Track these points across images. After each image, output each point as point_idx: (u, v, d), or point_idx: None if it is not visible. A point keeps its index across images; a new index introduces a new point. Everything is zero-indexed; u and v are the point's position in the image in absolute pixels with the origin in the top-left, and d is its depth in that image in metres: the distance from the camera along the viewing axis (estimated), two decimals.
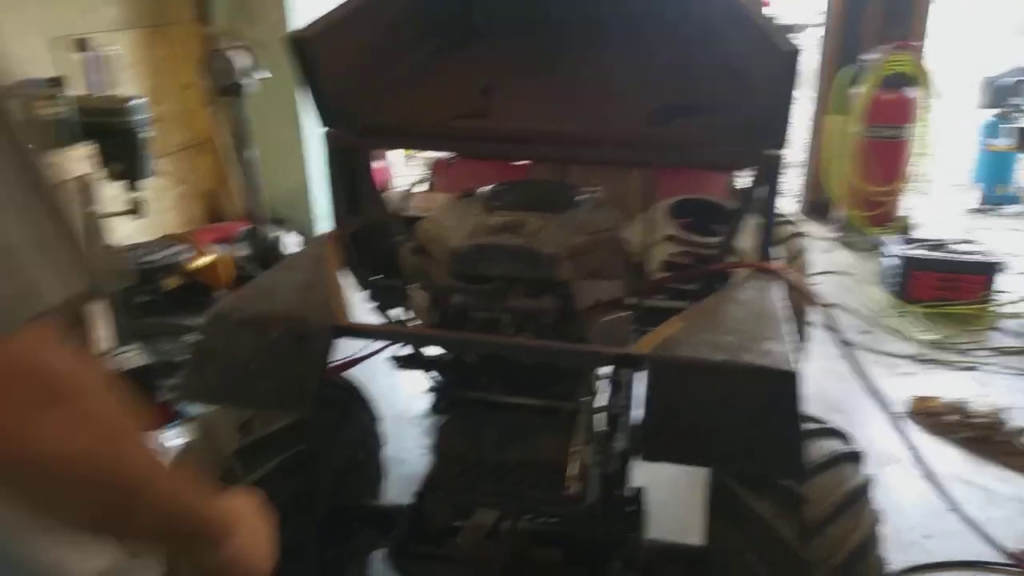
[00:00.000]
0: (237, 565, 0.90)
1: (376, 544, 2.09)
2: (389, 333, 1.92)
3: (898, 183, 6.24)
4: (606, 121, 1.84)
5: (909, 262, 5.09)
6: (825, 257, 6.11)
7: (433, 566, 1.91)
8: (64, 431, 0.63)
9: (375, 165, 2.26)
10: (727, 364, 1.39)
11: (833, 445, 1.69)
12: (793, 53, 1.51)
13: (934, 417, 3.64)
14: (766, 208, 1.82)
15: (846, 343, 1.95)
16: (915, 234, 5.99)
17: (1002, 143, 7.18)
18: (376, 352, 2.67)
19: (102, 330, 3.15)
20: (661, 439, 1.39)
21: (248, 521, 0.96)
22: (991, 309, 4.95)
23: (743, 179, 2.92)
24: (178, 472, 0.79)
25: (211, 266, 4.28)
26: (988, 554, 2.71)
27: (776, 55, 1.52)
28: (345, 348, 1.87)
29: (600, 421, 2.24)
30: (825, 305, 1.99)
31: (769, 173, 1.77)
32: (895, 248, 5.25)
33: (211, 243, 4.45)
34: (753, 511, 1.55)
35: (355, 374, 2.26)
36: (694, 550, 1.95)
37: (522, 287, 1.61)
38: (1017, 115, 7.05)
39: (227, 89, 3.95)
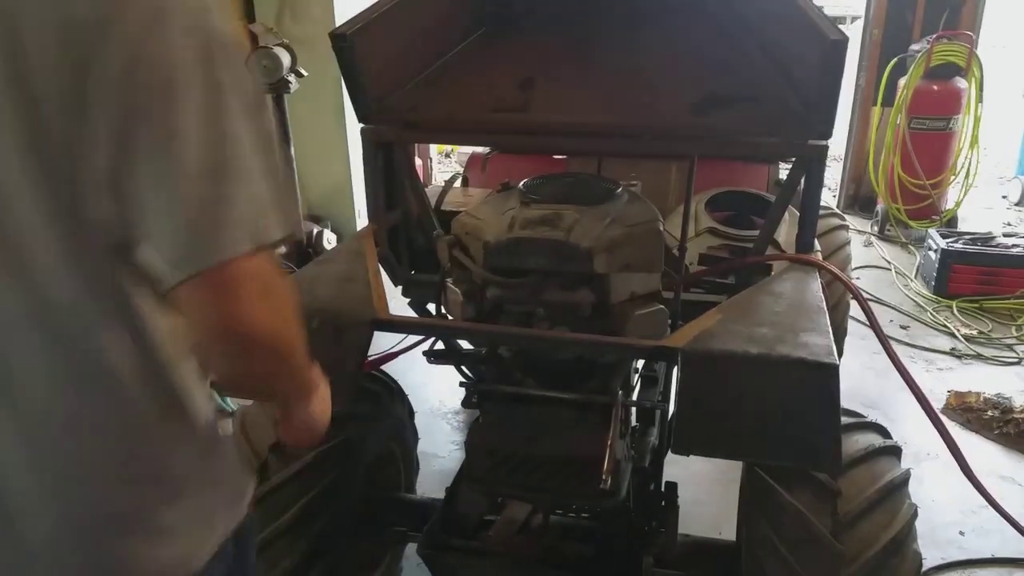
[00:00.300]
0: (311, 422, 1.20)
1: (408, 536, 2.12)
2: (426, 327, 1.94)
3: (942, 176, 6.12)
4: (646, 113, 1.83)
5: (950, 256, 5.00)
6: (865, 251, 6.03)
7: (464, 559, 1.92)
8: (278, 320, 0.92)
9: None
10: (762, 356, 1.39)
11: (870, 439, 1.68)
12: (841, 42, 1.49)
13: (972, 413, 3.58)
14: (809, 200, 1.80)
15: (884, 338, 1.93)
16: (958, 228, 5.88)
17: None
18: (412, 347, 2.71)
19: None
20: (694, 432, 1.39)
21: (322, 393, 1.21)
22: None
23: (785, 171, 2.90)
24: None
25: None
26: None
27: (823, 44, 1.50)
28: (380, 342, 1.90)
29: (635, 416, 2.25)
30: (865, 299, 1.97)
31: (813, 164, 1.76)
32: (936, 242, 5.16)
33: None
34: (788, 505, 1.55)
35: (390, 368, 2.30)
36: (727, 545, 1.95)
37: (558, 280, 1.61)
38: None
39: (271, 86, 4.00)
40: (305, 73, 4.14)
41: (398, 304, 2.10)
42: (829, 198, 7.46)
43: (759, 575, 1.59)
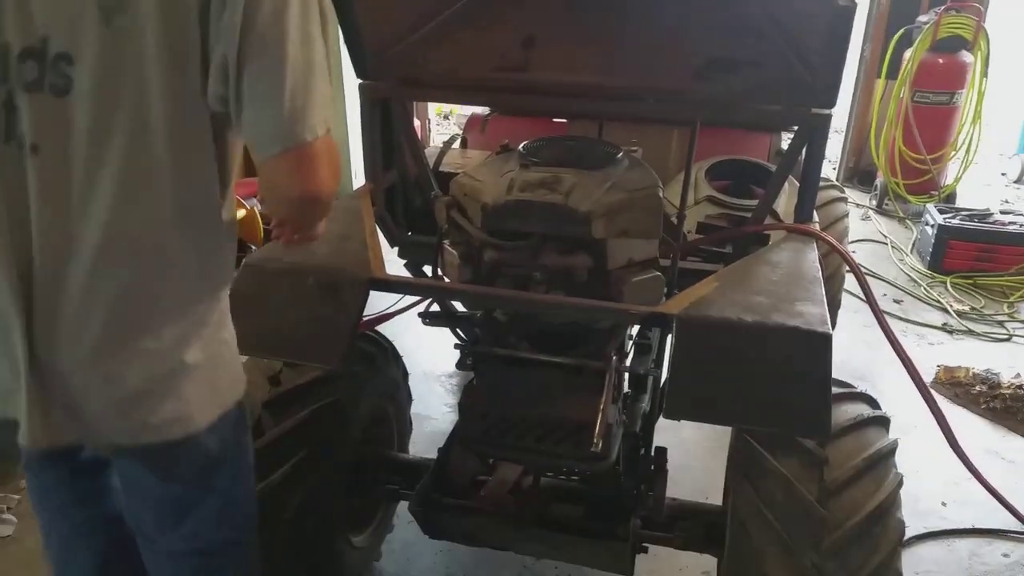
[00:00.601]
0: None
1: (401, 494, 2.14)
2: (423, 287, 1.94)
3: (943, 151, 6.10)
4: (649, 76, 1.81)
5: (947, 231, 5.01)
6: (862, 224, 6.03)
7: (455, 517, 1.95)
8: (335, 185, 1.20)
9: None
10: (757, 324, 1.40)
11: (859, 409, 1.70)
12: (849, 8, 1.47)
13: (960, 387, 3.62)
14: (810, 170, 1.79)
15: (878, 310, 1.94)
16: (956, 204, 5.88)
17: None
18: (407, 308, 2.71)
19: None
20: (686, 397, 1.40)
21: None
22: None
23: (787, 141, 2.88)
24: None
25: (245, 220, 4.32)
26: (1007, 523, 2.72)
27: (830, 9, 1.49)
28: (375, 303, 1.90)
29: (627, 382, 2.27)
30: (860, 271, 1.98)
31: (816, 133, 1.74)
32: (934, 217, 5.16)
33: (245, 197, 4.49)
34: (775, 471, 1.57)
35: (384, 330, 2.31)
36: (713, 509, 1.98)
37: (556, 244, 1.61)
38: None
39: None
40: None
41: (394, 265, 2.10)
42: (829, 170, 7.43)
43: (744, 539, 1.62)
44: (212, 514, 1.43)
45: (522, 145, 1.79)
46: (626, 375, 1.95)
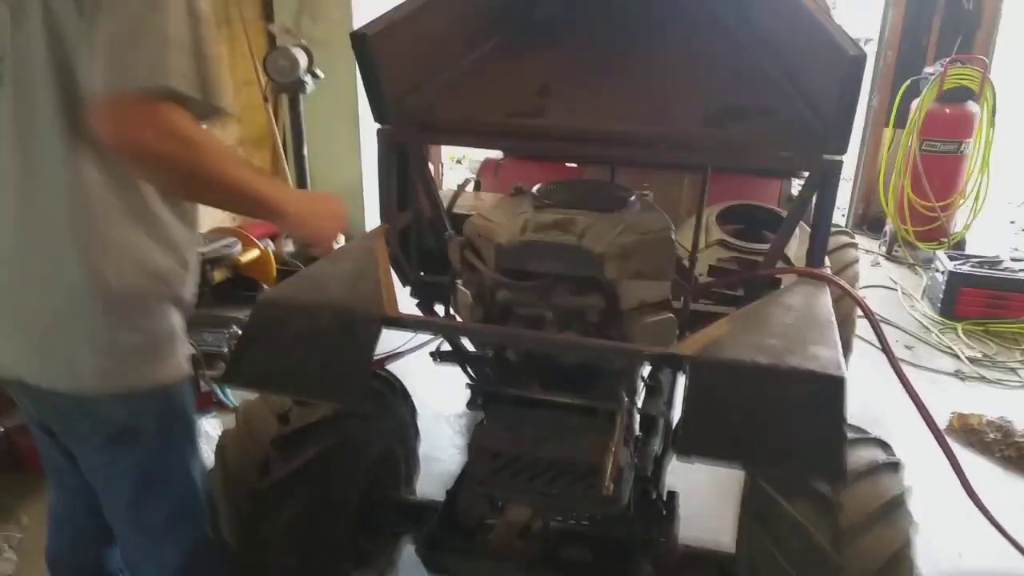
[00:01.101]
0: (308, 233, 1.61)
1: (407, 536, 2.12)
2: (435, 325, 1.95)
3: (952, 199, 6.12)
4: (661, 122, 1.83)
5: (957, 278, 5.01)
6: (872, 271, 6.03)
7: (463, 560, 1.93)
8: (169, 146, 1.26)
9: None
10: (771, 367, 1.39)
11: (874, 454, 1.69)
12: (860, 57, 1.50)
13: (974, 434, 3.58)
14: (821, 215, 1.81)
15: (892, 354, 1.93)
16: (966, 251, 5.88)
17: None
18: (418, 348, 2.72)
19: None
20: (699, 435, 1.39)
21: (310, 203, 1.59)
22: None
23: (797, 187, 2.91)
24: (270, 181, 1.49)
25: (259, 260, 4.37)
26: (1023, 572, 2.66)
27: (842, 59, 1.51)
28: (384, 342, 1.90)
29: (638, 425, 2.26)
30: (873, 316, 1.98)
31: (828, 179, 1.76)
32: (944, 264, 5.16)
33: (260, 237, 4.55)
34: (788, 515, 1.55)
35: (394, 369, 2.31)
36: (725, 556, 1.95)
37: (568, 285, 1.62)
38: None
39: (287, 86, 4.02)
40: (322, 75, 4.17)
41: (406, 306, 2.11)
42: (838, 217, 7.46)
43: None
44: (133, 494, 1.57)
45: (536, 187, 1.82)
46: (637, 417, 1.94)
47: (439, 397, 3.63)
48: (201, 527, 1.70)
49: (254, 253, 4.35)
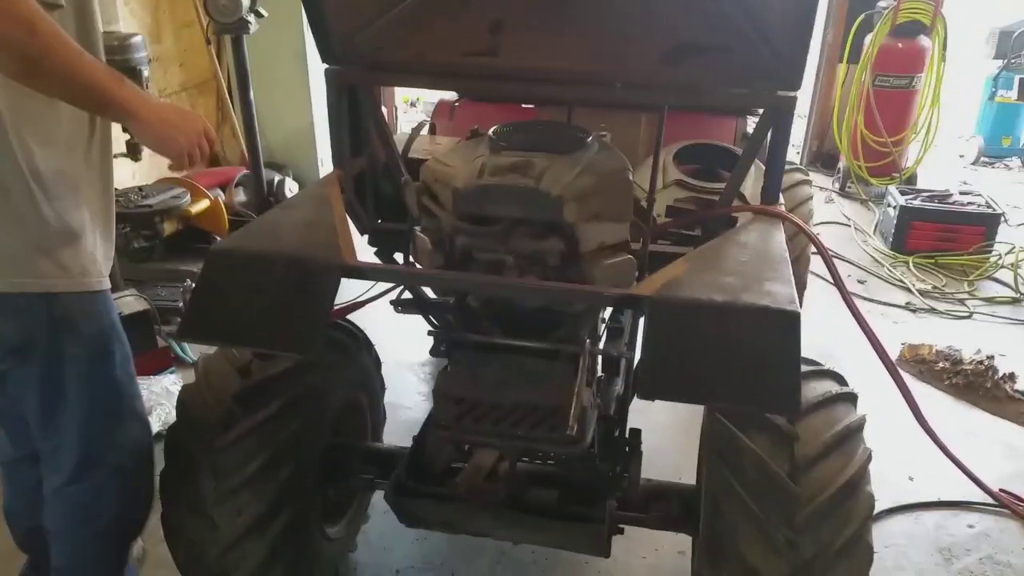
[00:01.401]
0: (162, 141, 1.57)
1: (375, 484, 2.13)
2: (395, 274, 1.92)
3: (904, 134, 6.21)
4: (618, 61, 1.81)
5: (909, 213, 5.12)
6: (826, 207, 6.12)
7: (431, 505, 1.94)
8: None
9: None
10: (727, 304, 1.41)
11: (828, 386, 1.73)
12: None
13: (924, 364, 3.70)
14: (775, 152, 1.81)
15: (844, 289, 1.97)
16: (917, 185, 5.99)
17: (1009, 95, 7.13)
18: (378, 296, 2.70)
19: None
20: (659, 377, 1.41)
21: (160, 111, 1.55)
22: (989, 260, 4.98)
23: (752, 125, 2.91)
24: (124, 83, 1.47)
25: (210, 211, 4.26)
26: (971, 494, 2.79)
27: None
28: (346, 291, 1.88)
29: (601, 366, 2.28)
30: (827, 252, 2.00)
31: (781, 116, 1.76)
32: (896, 199, 5.26)
33: (209, 187, 4.43)
34: (747, 449, 1.59)
35: (356, 318, 2.29)
36: (687, 489, 2.00)
37: (527, 228, 1.61)
38: None
39: (229, 27, 3.85)
40: (265, 13, 4.00)
41: (364, 253, 2.09)
42: (792, 154, 7.52)
43: (718, 516, 1.64)
44: (37, 411, 1.65)
45: (492, 130, 1.78)
46: (599, 358, 1.96)
47: (404, 346, 3.63)
48: (107, 460, 1.74)
49: (204, 204, 4.23)
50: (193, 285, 1.64)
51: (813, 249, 3.07)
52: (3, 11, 1.24)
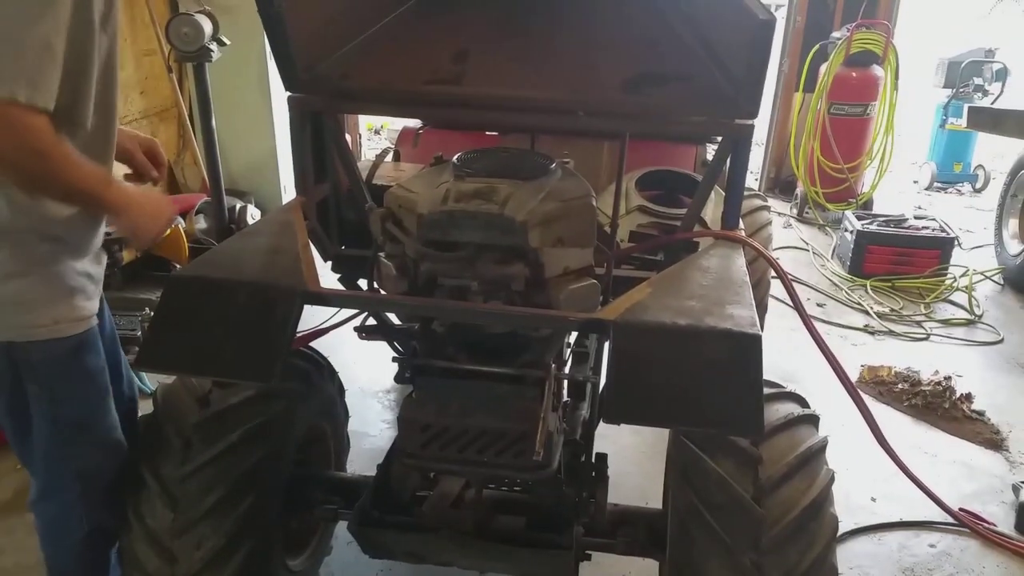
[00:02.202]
0: (136, 229, 1.72)
1: (339, 514, 2.09)
2: (359, 300, 1.90)
3: (859, 160, 6.36)
4: (581, 89, 1.83)
5: (865, 237, 5.23)
6: (785, 232, 6.23)
7: (396, 535, 1.92)
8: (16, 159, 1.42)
9: None
10: (690, 328, 1.42)
11: (790, 408, 1.75)
12: (770, 22, 1.52)
13: (884, 386, 3.76)
14: (734, 178, 1.84)
15: (804, 312, 2.00)
16: (873, 210, 6.14)
17: (959, 122, 7.37)
18: (342, 323, 2.68)
19: None
20: (624, 401, 1.41)
21: (139, 207, 1.68)
22: (944, 282, 5.11)
23: (712, 152, 2.97)
24: (111, 186, 1.60)
25: (170, 239, 4.17)
26: (932, 514, 2.83)
27: (752, 23, 1.53)
28: (308, 319, 1.86)
29: (567, 391, 2.28)
30: (786, 276, 2.04)
31: (739, 143, 1.80)
32: (852, 224, 5.37)
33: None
34: (712, 471, 1.60)
35: (319, 346, 2.27)
36: (654, 513, 2.00)
37: (492, 254, 1.61)
38: (973, 94, 7.23)
39: (191, 56, 3.83)
40: (228, 42, 3.99)
41: (328, 280, 2.07)
42: (751, 181, 7.67)
43: (685, 540, 1.64)
44: (11, 440, 1.78)
45: (456, 156, 1.79)
46: (565, 383, 1.96)
47: (368, 373, 3.61)
48: (72, 488, 1.78)
49: (164, 231, 4.16)
50: (152, 314, 1.61)
51: (773, 273, 3.11)
52: (20, 145, 1.38)
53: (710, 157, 2.88)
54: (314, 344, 2.32)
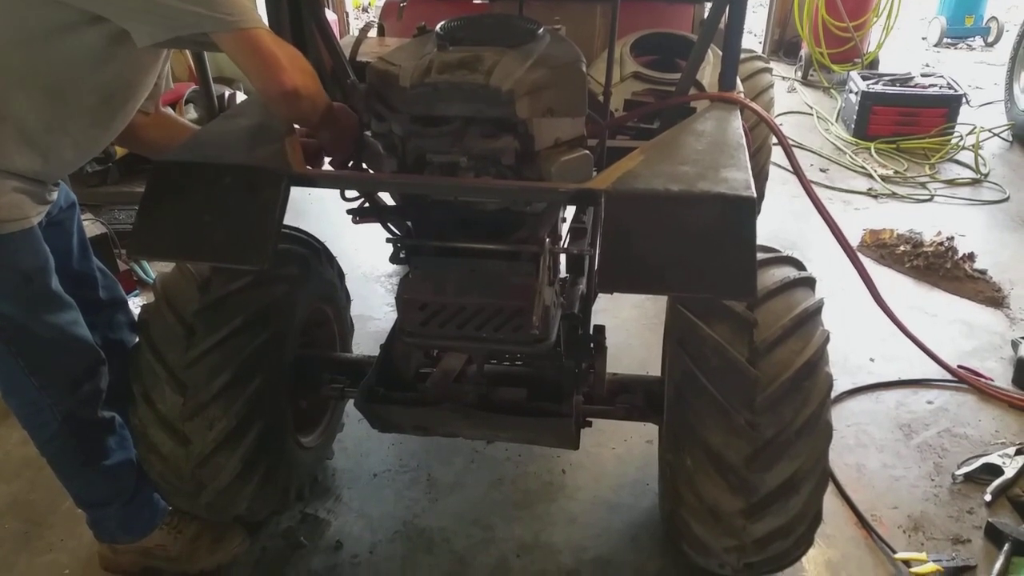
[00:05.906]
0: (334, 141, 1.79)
1: (346, 393, 2.14)
2: (346, 180, 1.87)
3: (865, 18, 6.11)
4: None
5: (870, 98, 5.09)
6: (788, 97, 6.07)
7: (402, 410, 1.96)
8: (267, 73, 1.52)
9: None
10: (683, 193, 1.40)
11: (786, 271, 1.74)
12: None
13: (885, 248, 3.76)
14: (731, 37, 1.76)
15: (803, 177, 1.96)
16: (879, 70, 5.94)
17: None
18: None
19: None
20: (617, 270, 1.41)
21: (347, 118, 1.78)
22: (950, 141, 5.01)
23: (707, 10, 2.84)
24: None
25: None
26: (931, 372, 2.89)
27: None
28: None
29: (565, 267, 2.28)
30: (786, 137, 1.99)
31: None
32: (857, 84, 5.22)
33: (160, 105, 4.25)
34: (708, 337, 1.62)
35: (319, 233, 2.25)
36: (652, 380, 2.04)
37: (480, 127, 1.56)
38: None
39: None
40: None
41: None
42: (754, 44, 7.41)
43: (681, 404, 1.68)
44: None
45: (439, 26, 1.71)
46: (563, 258, 1.96)
47: (368, 258, 3.62)
48: (25, 397, 1.77)
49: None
50: None
51: (775, 139, 3.05)
52: (304, 68, 1.56)
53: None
54: (314, 232, 2.31)
